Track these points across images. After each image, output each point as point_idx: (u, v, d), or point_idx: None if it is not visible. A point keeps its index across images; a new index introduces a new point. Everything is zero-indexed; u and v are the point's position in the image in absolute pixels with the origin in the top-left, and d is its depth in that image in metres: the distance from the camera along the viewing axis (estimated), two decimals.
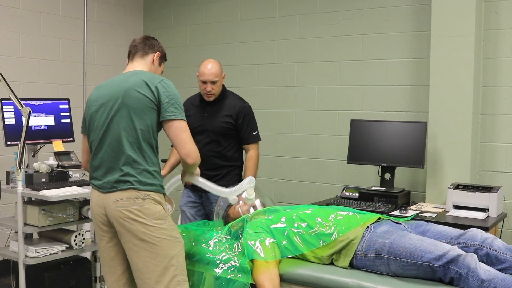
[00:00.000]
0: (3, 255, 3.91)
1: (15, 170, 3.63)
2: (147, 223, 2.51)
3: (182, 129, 2.56)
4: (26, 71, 4.80)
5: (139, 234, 2.50)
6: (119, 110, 2.58)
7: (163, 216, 2.57)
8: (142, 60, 2.80)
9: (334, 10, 4.71)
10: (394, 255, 2.47)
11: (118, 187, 2.54)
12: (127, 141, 2.55)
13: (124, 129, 2.56)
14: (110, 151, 2.58)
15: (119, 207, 2.52)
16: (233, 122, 3.78)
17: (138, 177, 2.53)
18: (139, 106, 2.55)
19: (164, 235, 2.54)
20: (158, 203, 2.57)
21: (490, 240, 2.56)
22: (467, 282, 2.31)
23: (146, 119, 2.56)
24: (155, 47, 2.84)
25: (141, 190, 2.53)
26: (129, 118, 2.55)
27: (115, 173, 2.56)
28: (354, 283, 2.45)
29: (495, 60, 4.00)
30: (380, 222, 2.74)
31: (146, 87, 2.56)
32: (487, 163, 4.06)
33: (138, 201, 2.51)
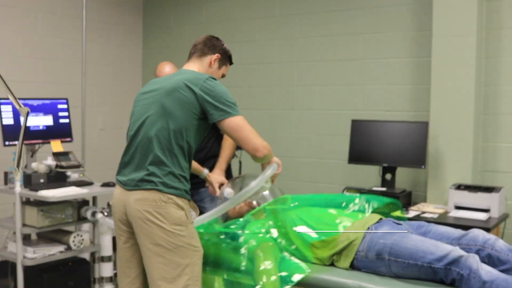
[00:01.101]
0: (1, 256, 3.90)
1: (13, 170, 3.61)
2: (166, 228, 2.40)
3: (237, 126, 2.44)
4: (25, 71, 4.79)
5: (156, 238, 2.40)
6: (155, 109, 2.49)
7: (184, 223, 2.45)
8: (199, 61, 2.69)
9: (334, 10, 4.69)
10: (395, 256, 2.46)
11: (141, 186, 2.44)
12: (158, 141, 2.45)
13: (158, 129, 2.46)
14: (140, 149, 2.49)
15: (140, 207, 2.42)
16: None
17: (163, 178, 2.42)
18: (175, 107, 2.44)
19: (182, 242, 2.43)
20: (180, 208, 2.45)
21: (492, 241, 2.55)
22: (469, 283, 2.30)
23: (181, 121, 2.44)
24: (216, 48, 2.72)
25: (165, 192, 2.42)
26: (163, 118, 2.45)
27: (141, 171, 2.46)
28: (355, 284, 2.44)
29: (497, 60, 3.98)
30: (381, 222, 2.73)
31: (186, 87, 2.45)
32: (489, 163, 4.04)
33: (160, 204, 2.41)
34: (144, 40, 5.87)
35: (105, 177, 4.71)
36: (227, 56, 2.77)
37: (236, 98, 5.57)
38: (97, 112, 5.38)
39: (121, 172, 2.57)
